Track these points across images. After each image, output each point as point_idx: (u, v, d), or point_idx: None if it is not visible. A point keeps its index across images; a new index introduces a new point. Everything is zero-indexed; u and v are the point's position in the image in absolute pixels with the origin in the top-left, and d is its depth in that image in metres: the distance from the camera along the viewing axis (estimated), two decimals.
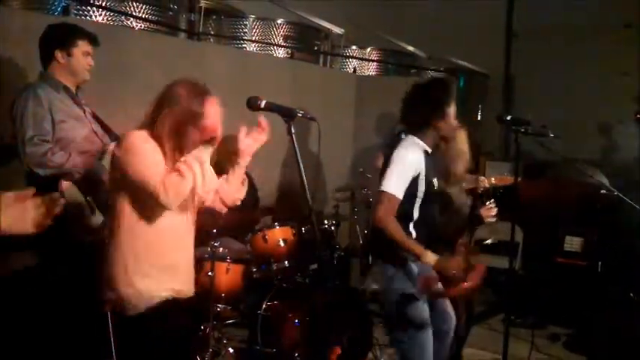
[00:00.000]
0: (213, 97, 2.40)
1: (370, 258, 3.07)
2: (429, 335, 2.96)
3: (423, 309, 2.97)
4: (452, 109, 3.05)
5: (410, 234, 2.97)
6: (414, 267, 3.00)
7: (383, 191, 2.88)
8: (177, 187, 2.24)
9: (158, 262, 2.40)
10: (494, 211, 3.62)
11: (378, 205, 2.87)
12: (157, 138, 2.33)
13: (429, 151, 3.04)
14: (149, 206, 2.34)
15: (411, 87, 3.11)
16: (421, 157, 2.96)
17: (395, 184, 2.86)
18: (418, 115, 3.00)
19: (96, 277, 3.11)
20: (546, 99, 6.50)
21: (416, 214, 2.99)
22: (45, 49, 3.06)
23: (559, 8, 6.64)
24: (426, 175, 2.95)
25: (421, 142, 3.01)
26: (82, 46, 3.08)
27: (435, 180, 3.07)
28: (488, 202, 3.64)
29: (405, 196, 2.89)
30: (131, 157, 2.28)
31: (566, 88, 6.49)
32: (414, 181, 2.92)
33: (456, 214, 3.63)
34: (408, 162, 2.90)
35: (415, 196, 2.95)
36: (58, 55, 3.03)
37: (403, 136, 3.04)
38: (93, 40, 3.13)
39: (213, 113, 2.37)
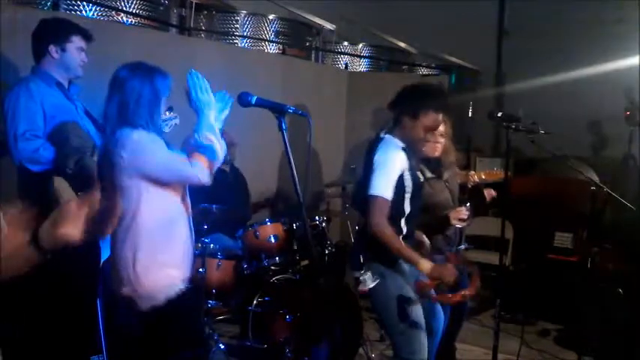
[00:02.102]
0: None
1: (361, 257, 3.04)
2: (422, 332, 2.98)
3: (417, 309, 2.98)
4: (428, 117, 3.01)
5: (402, 229, 3.00)
6: (405, 265, 3.03)
7: (373, 195, 2.88)
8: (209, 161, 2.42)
9: (173, 250, 2.46)
10: (465, 216, 3.50)
11: (372, 211, 2.88)
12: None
13: (405, 147, 3.03)
14: (163, 194, 2.41)
15: (403, 87, 3.13)
16: (402, 154, 2.97)
17: (383, 186, 2.88)
18: (395, 112, 3.07)
19: (91, 273, 3.12)
20: (537, 95, 6.52)
21: (407, 210, 3.01)
22: (38, 43, 3.04)
23: (550, 5, 6.66)
24: (410, 170, 2.98)
25: (397, 140, 3.02)
26: (76, 42, 3.06)
27: (419, 173, 3.13)
28: (462, 206, 3.55)
29: (395, 194, 2.91)
30: (148, 157, 2.35)
31: (556, 84, 6.51)
32: (401, 178, 2.94)
33: (436, 207, 3.57)
34: (391, 162, 2.92)
35: (404, 192, 2.97)
36: (52, 50, 3.01)
37: (382, 135, 3.06)
38: (87, 36, 3.11)
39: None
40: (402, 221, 3.01)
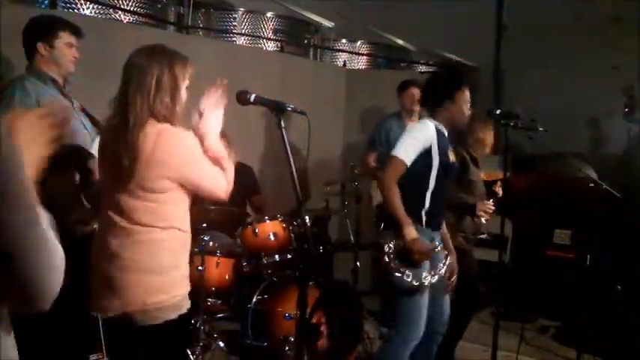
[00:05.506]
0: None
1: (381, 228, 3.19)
2: (424, 314, 3.11)
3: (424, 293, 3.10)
4: (463, 95, 3.20)
5: (424, 202, 3.11)
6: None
7: (393, 156, 3.07)
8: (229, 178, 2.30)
9: (187, 262, 2.32)
10: (490, 211, 3.68)
11: (387, 168, 3.08)
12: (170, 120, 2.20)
13: (443, 131, 3.19)
14: (185, 198, 2.27)
15: (430, 74, 3.46)
16: (433, 131, 3.11)
17: (404, 150, 3.04)
18: (431, 97, 3.25)
19: (89, 273, 3.11)
20: (536, 93, 6.52)
21: (432, 184, 3.11)
22: (27, 42, 3.03)
23: (549, 2, 6.65)
24: (439, 148, 3.10)
25: (434, 122, 3.17)
26: (64, 38, 3.04)
27: (450, 155, 3.21)
28: (491, 200, 3.75)
29: (421, 167, 3.07)
30: (189, 159, 2.19)
31: (555, 82, 6.50)
32: (428, 152, 3.08)
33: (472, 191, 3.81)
34: (419, 132, 3.11)
35: (431, 167, 3.09)
36: (40, 47, 3.00)
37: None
38: (75, 31, 3.09)
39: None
40: (427, 195, 3.10)
